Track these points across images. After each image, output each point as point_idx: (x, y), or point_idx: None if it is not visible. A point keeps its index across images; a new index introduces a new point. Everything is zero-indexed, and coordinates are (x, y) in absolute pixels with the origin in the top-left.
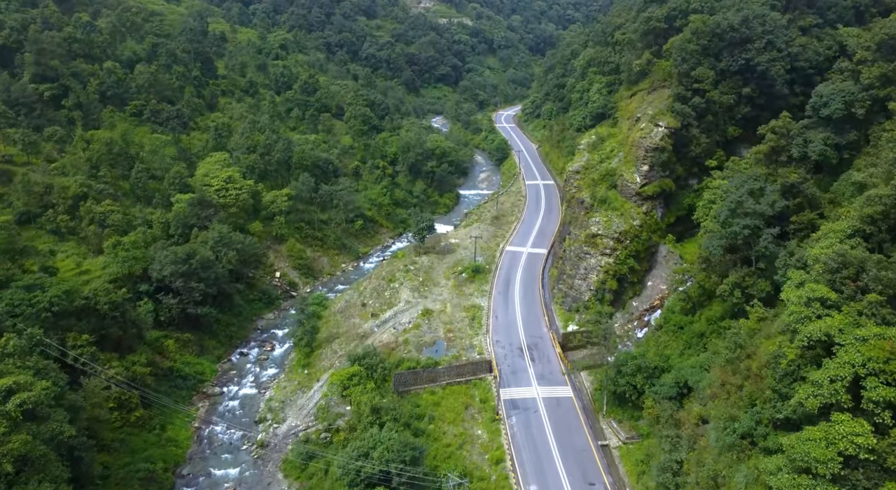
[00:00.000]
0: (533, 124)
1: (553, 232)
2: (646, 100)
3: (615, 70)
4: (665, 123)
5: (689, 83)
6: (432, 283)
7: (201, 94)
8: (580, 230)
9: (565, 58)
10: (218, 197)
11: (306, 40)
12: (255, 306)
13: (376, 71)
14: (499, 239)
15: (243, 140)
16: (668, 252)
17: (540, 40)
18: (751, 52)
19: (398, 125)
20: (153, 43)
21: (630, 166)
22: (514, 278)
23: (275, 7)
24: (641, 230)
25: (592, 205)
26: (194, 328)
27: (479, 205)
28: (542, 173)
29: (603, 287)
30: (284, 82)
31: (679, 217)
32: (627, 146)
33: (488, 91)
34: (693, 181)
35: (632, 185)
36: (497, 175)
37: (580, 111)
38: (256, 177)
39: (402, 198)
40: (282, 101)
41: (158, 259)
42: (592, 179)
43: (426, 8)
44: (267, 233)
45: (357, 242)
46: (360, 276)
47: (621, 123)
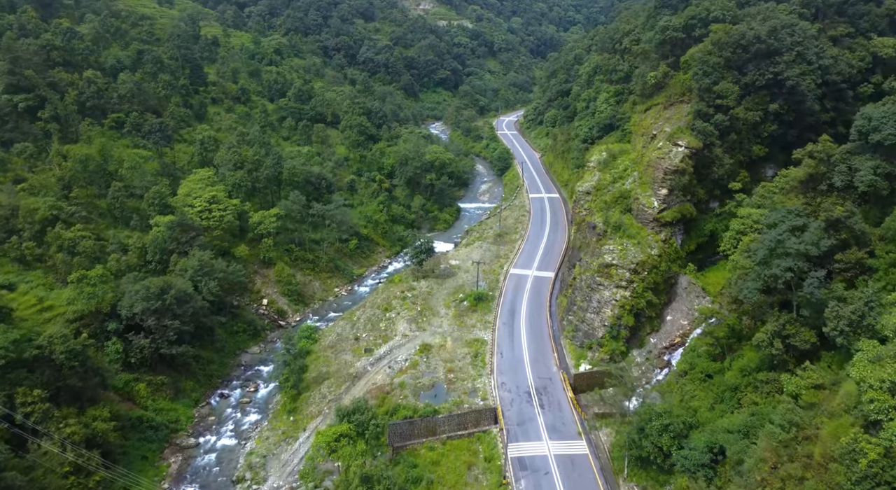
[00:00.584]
0: (535, 131)
1: (560, 252)
2: (662, 115)
3: (624, 78)
4: (685, 143)
5: (710, 99)
6: (431, 313)
7: (189, 103)
8: (592, 258)
9: (568, 63)
10: (200, 219)
11: (302, 44)
12: (240, 339)
13: (374, 75)
14: (502, 260)
15: (230, 155)
16: (690, 283)
17: (541, 43)
18: (779, 65)
19: (396, 134)
20: (139, 49)
21: (646, 189)
22: (520, 307)
23: (271, 10)
24: (660, 260)
25: (605, 231)
26: (169, 368)
27: (481, 221)
28: (547, 186)
29: (618, 323)
30: (278, 89)
31: (700, 244)
32: (642, 166)
33: (489, 96)
34: (714, 204)
35: (649, 209)
36: (499, 186)
37: (586, 121)
38: (243, 195)
39: (399, 213)
40: (275, 108)
41: (129, 294)
42: (605, 202)
43: (425, 10)
44: (254, 256)
45: (351, 263)
46: (354, 302)
47: (635, 140)
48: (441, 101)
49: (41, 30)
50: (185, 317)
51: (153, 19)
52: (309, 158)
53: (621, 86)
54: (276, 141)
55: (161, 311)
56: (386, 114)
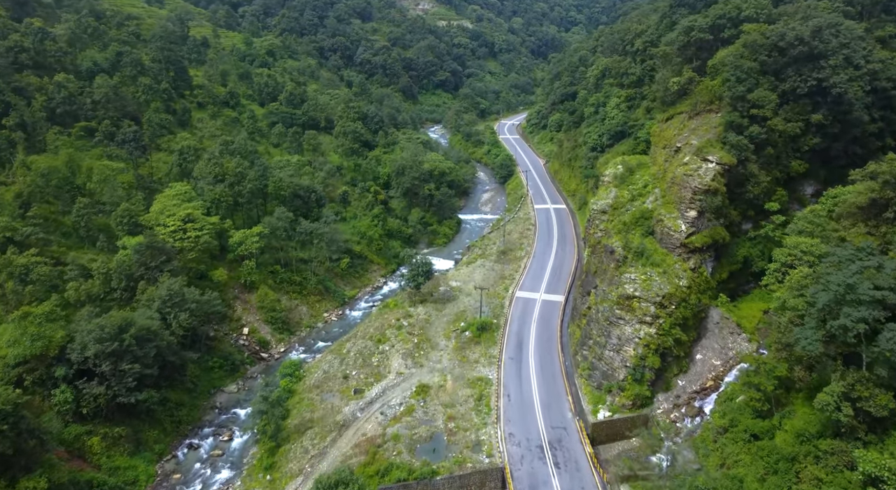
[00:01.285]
0: (539, 136)
1: (569, 271)
2: (687, 126)
3: (636, 83)
4: (717, 158)
5: (744, 108)
6: (429, 346)
7: (172, 108)
8: (610, 287)
9: (573, 65)
10: (173, 240)
11: (297, 45)
12: (215, 376)
13: (371, 77)
14: (507, 281)
15: (210, 167)
16: (722, 317)
17: (542, 43)
18: (824, 70)
19: (393, 140)
20: (118, 51)
21: (671, 209)
22: (528, 337)
23: (265, 10)
24: (689, 292)
25: (626, 257)
26: (129, 416)
27: (483, 235)
28: (552, 195)
29: (642, 364)
30: (269, 93)
31: (732, 271)
32: (665, 182)
33: (489, 98)
34: (748, 226)
35: (675, 233)
36: (502, 195)
37: (596, 127)
38: (224, 211)
39: (395, 228)
40: (265, 113)
41: (80, 335)
42: (623, 223)
43: (424, 10)
44: (234, 280)
45: (343, 284)
46: (344, 329)
47: (654, 152)
48: (440, 104)
49: (10, 30)
50: (147, 358)
51: (140, 19)
52: (299, 168)
53: (633, 90)
54: (265, 148)
55: (118, 353)
56: (383, 118)
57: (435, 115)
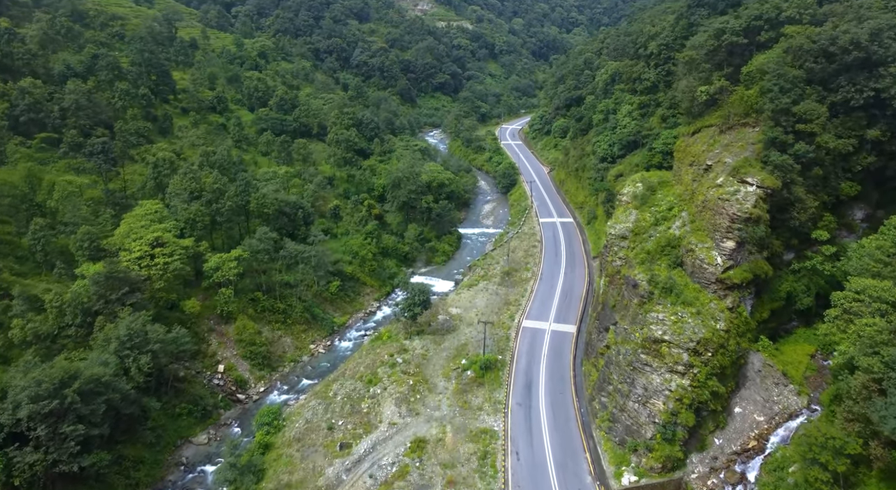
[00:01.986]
0: (542, 142)
1: (580, 295)
2: (718, 141)
3: (650, 89)
4: (757, 181)
5: (789, 123)
6: (427, 388)
7: (152, 115)
8: (633, 326)
9: (577, 68)
10: (139, 267)
11: (291, 47)
12: (183, 424)
13: (368, 80)
14: (512, 308)
15: (185, 182)
16: (764, 365)
17: (543, 44)
18: (884, 79)
19: (389, 148)
20: (93, 53)
21: (704, 238)
22: (537, 377)
23: (259, 10)
24: (727, 337)
25: (651, 293)
26: (74, 483)
27: (486, 253)
28: (559, 208)
29: (674, 421)
30: (259, 98)
31: (774, 309)
32: (695, 205)
33: (490, 101)
34: (790, 256)
35: (709, 267)
36: (504, 206)
37: (606, 136)
38: (200, 232)
39: (391, 245)
40: (254, 119)
41: (13, 391)
42: (647, 251)
43: (423, 11)
44: (209, 309)
45: (332, 310)
46: (333, 363)
47: (680, 169)
48: (440, 107)
49: None
50: (95, 416)
51: (125, 20)
52: (286, 181)
53: (647, 97)
54: (252, 157)
55: (58, 413)
56: (378, 125)
57: (434, 118)
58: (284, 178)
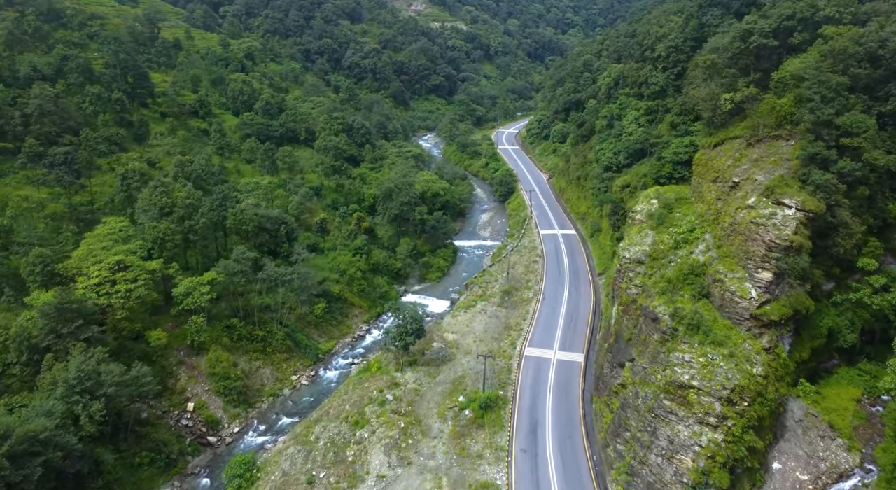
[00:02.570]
0: (540, 147)
1: (586, 319)
2: (745, 155)
3: (658, 93)
4: (796, 203)
5: (832, 136)
6: (420, 431)
7: (127, 120)
8: (654, 366)
9: (577, 70)
10: (98, 295)
11: (281, 48)
12: (144, 475)
13: (361, 82)
14: (513, 333)
15: (155, 197)
16: (806, 413)
17: (539, 45)
18: None
19: (381, 154)
20: (63, 54)
21: (733, 266)
22: (544, 417)
23: (247, 10)
24: (766, 383)
25: (675, 329)
26: None
27: (484, 270)
28: (560, 219)
29: (705, 482)
30: (244, 101)
31: (814, 348)
32: (721, 227)
33: (486, 104)
34: (830, 285)
35: (742, 300)
36: (502, 216)
37: (610, 144)
38: (171, 251)
39: (381, 262)
40: (238, 124)
41: None
42: (667, 280)
43: (417, 11)
44: (178, 339)
45: (317, 335)
46: (316, 397)
47: (701, 185)
48: (434, 110)
49: None
50: (29, 483)
51: (105, 19)
52: (270, 192)
53: (655, 102)
54: (234, 165)
55: None
56: (370, 130)
57: (428, 122)
58: (268, 189)
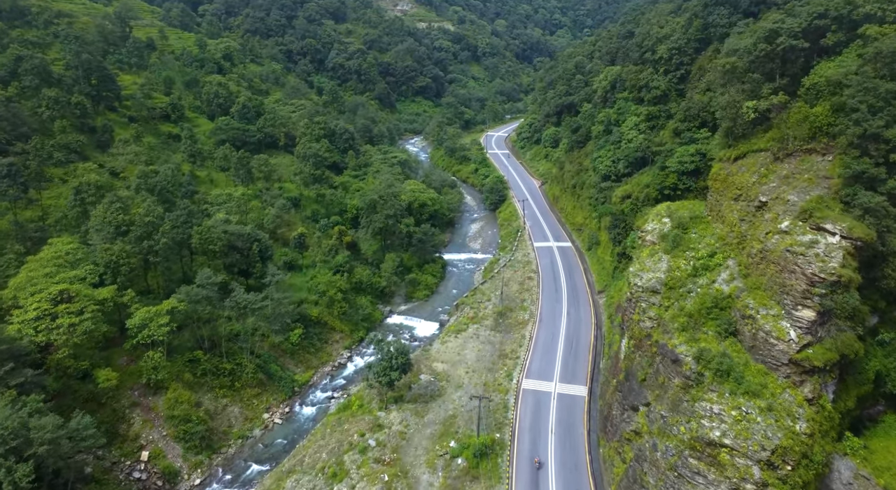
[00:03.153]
0: (532, 151)
1: (588, 344)
2: (773, 171)
3: (660, 98)
4: (842, 229)
5: (880, 152)
6: (406, 485)
7: (89, 126)
8: (676, 415)
9: (568, 72)
10: (35, 332)
11: (261, 48)
12: None
13: (345, 83)
14: (509, 362)
15: (111, 214)
16: (856, 475)
17: (526, 46)
18: None
19: (365, 161)
20: (17, 55)
21: (765, 300)
22: (546, 466)
23: (227, 9)
24: (811, 441)
25: (700, 374)
26: None
27: (475, 288)
28: (554, 230)
29: None
30: (220, 104)
31: (860, 396)
32: (749, 255)
33: (474, 106)
34: (874, 320)
35: (779, 342)
36: (493, 226)
37: (608, 151)
38: (127, 276)
39: (365, 280)
40: (213, 129)
41: None
42: (687, 314)
43: (403, 11)
44: (133, 377)
45: (293, 364)
46: (291, 438)
47: (720, 202)
48: (421, 113)
49: None
50: None
51: (73, 17)
52: (243, 204)
53: (657, 107)
54: (207, 174)
55: None
56: (353, 135)
57: (415, 125)
58: (241, 201)
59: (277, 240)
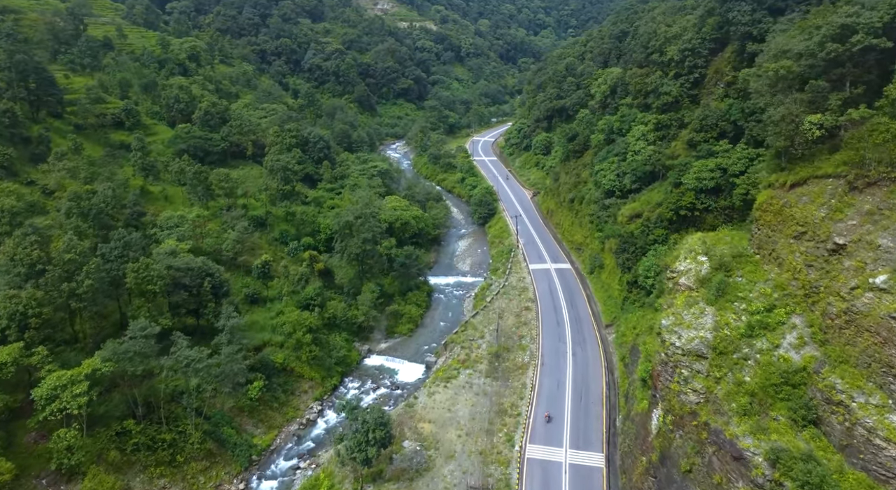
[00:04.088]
0: (521, 158)
1: (600, 394)
2: (850, 204)
3: (671, 105)
4: None
5: None
6: None
7: (22, 136)
8: None
9: (559, 74)
10: None
11: (232, 48)
12: None
13: (322, 85)
14: (508, 420)
15: (22, 251)
16: None
17: (510, 47)
18: None
19: (342, 173)
20: None
21: (860, 381)
22: None
23: (197, 6)
24: None
25: (779, 485)
26: None
27: (465, 321)
28: (551, 249)
29: None
30: (182, 110)
31: None
32: (827, 315)
33: (459, 109)
34: None
35: (889, 445)
36: (482, 243)
37: (611, 163)
38: (37, 329)
39: (339, 314)
40: (171, 138)
41: None
42: (748, 391)
43: (384, 10)
44: (40, 462)
45: (252, 425)
46: None
47: (775, 240)
48: (403, 116)
49: None
50: None
51: (20, 13)
52: (199, 227)
53: (667, 115)
54: (162, 190)
55: None
56: (328, 143)
57: (397, 129)
58: (196, 224)
59: (238, 268)
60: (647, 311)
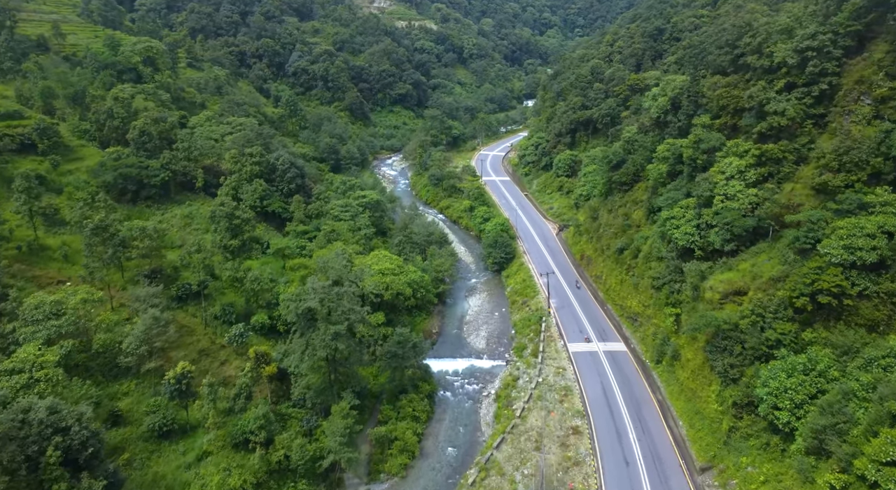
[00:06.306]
0: (540, 180)
1: None
2: None
3: (781, 130)
4: None
5: None
6: None
7: None
8: None
9: (583, 79)
10: None
11: (204, 51)
12: None
13: (309, 91)
14: None
15: None
16: None
17: (516, 47)
18: None
19: (319, 209)
20: None
21: None
22: None
23: (169, 3)
24: None
25: None
26: None
27: (486, 457)
28: (593, 316)
29: None
30: (117, 128)
31: None
32: None
33: (462, 117)
34: None
35: None
36: (500, 301)
37: (686, 211)
38: None
39: (295, 456)
40: (96, 167)
41: None
42: None
43: (380, 8)
44: None
45: None
46: None
47: None
48: (400, 125)
49: None
50: None
51: None
52: (84, 315)
53: (777, 145)
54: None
55: None
56: (302, 172)
57: (393, 140)
58: (80, 312)
59: (145, 378)
60: (786, 466)
